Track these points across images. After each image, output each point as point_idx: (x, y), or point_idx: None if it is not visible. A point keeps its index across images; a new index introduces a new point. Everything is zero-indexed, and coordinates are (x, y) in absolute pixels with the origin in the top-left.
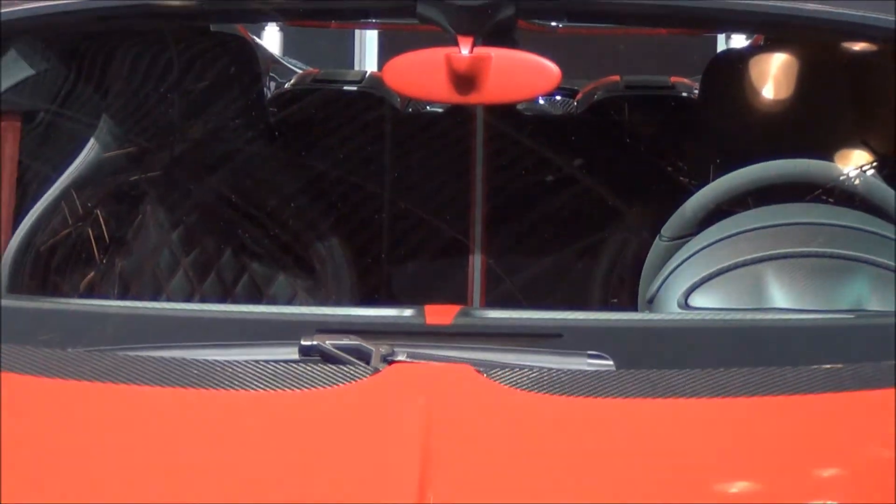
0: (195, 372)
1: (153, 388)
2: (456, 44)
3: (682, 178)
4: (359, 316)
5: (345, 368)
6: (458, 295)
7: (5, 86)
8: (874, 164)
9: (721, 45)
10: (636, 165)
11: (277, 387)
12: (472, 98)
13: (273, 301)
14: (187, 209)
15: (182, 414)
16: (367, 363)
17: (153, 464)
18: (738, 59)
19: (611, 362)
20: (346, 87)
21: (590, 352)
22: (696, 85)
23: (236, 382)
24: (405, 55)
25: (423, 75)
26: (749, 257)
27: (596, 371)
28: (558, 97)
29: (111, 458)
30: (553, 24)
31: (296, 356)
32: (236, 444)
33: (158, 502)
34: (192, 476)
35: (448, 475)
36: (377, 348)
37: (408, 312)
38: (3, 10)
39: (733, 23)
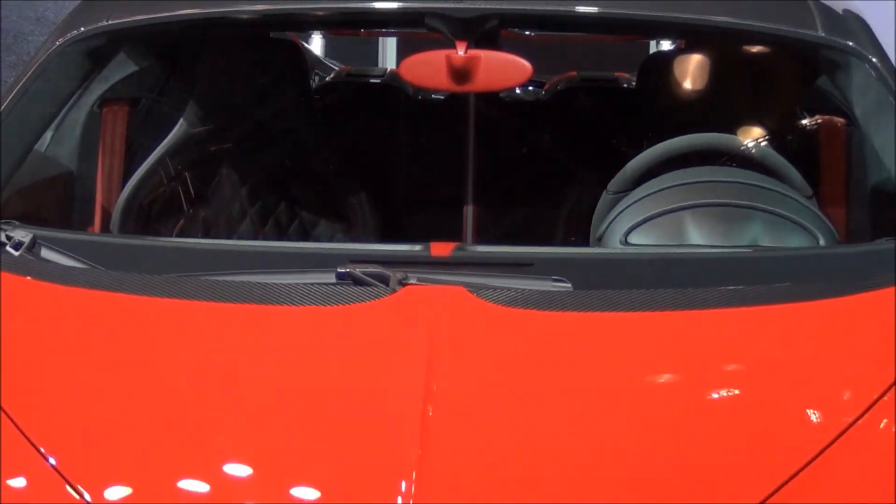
0: (258, 292)
1: (227, 304)
2: (454, 46)
3: (622, 148)
4: (381, 250)
5: (370, 289)
6: (455, 234)
7: (116, 78)
8: (766, 136)
9: (653, 48)
10: (589, 138)
11: (320, 303)
12: (466, 87)
13: (317, 240)
14: (253, 172)
15: (249, 323)
16: (387, 285)
17: (228, 356)
18: (666, 59)
19: (569, 285)
20: (371, 80)
21: (553, 277)
22: (634, 78)
23: (289, 299)
24: (416, 55)
25: (430, 70)
26: (673, 206)
27: (558, 291)
28: (530, 87)
29: (198, 353)
30: (527, 32)
31: (333, 280)
32: (289, 345)
33: (235, 376)
34: (257, 365)
35: (446, 367)
36: (394, 274)
37: (417, 247)
38: (114, 21)
39: (662, 31)
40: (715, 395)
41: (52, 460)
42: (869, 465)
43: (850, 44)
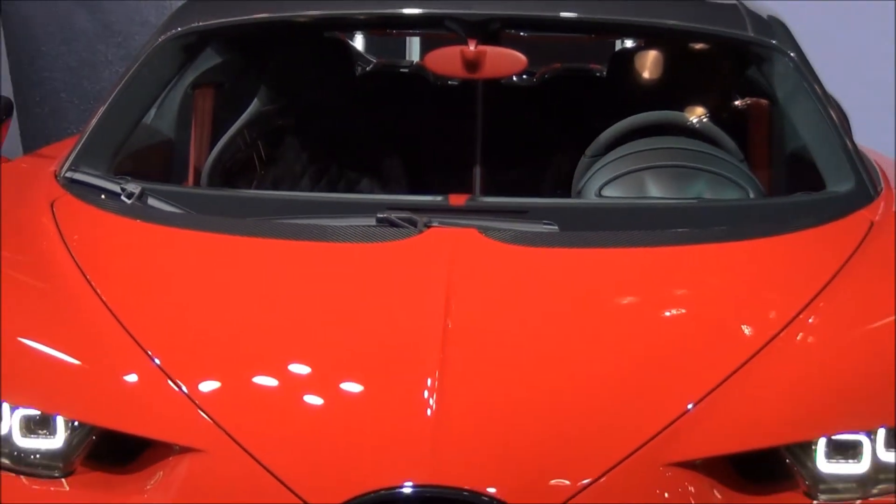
0: (316, 232)
1: (292, 241)
2: (466, 43)
3: (596, 123)
4: (410, 200)
5: (402, 230)
6: (467, 189)
7: (205, 67)
8: (708, 113)
9: (618, 45)
10: (570, 115)
11: (363, 240)
12: (475, 75)
13: (360, 192)
14: (310, 141)
15: (309, 255)
16: (415, 227)
17: (293, 280)
18: (629, 54)
19: (556, 227)
20: (401, 70)
21: (544, 221)
22: (605, 69)
23: (339, 237)
24: (437, 50)
25: (447, 61)
26: (636, 167)
27: (547, 232)
28: (524, 76)
29: (269, 278)
30: (523, 33)
31: (373, 223)
32: (339, 272)
33: (298, 296)
34: (315, 287)
35: (462, 290)
36: (421, 219)
37: (439, 198)
38: (203, 23)
39: (626, 32)
40: (668, 314)
41: (157, 360)
42: (790, 366)
43: (774, 42)
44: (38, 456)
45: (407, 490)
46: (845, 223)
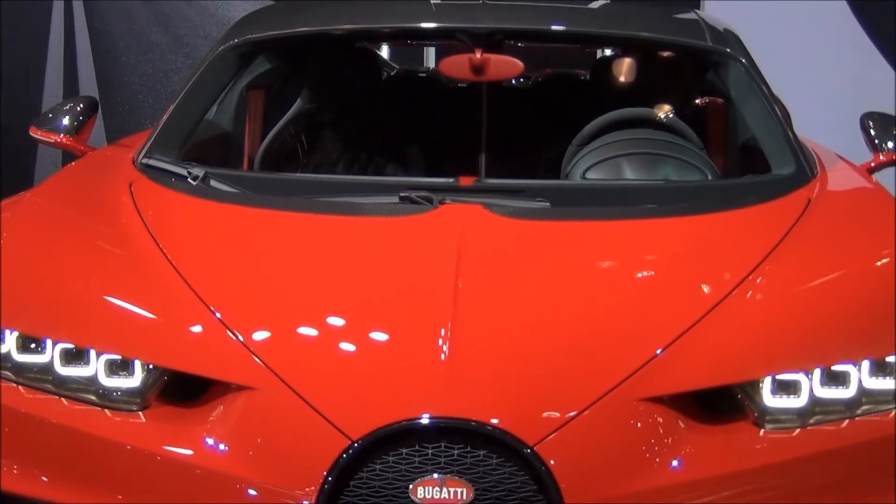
0: (349, 207)
1: (330, 215)
2: (474, 52)
3: (581, 118)
4: (428, 181)
5: (420, 206)
6: (474, 172)
7: (257, 72)
8: (673, 110)
9: (599, 53)
10: (559, 111)
11: (388, 215)
12: (481, 78)
13: (385, 175)
14: (344, 134)
15: (343, 227)
16: (431, 204)
17: (330, 248)
18: (609, 60)
19: (548, 204)
20: (420, 74)
21: (538, 199)
22: (588, 73)
23: (368, 212)
24: (450, 58)
25: (458, 67)
26: (614, 154)
27: (541, 208)
28: (522, 79)
29: (310, 246)
30: (520, 44)
31: (397, 200)
32: (368, 240)
33: (333, 260)
34: (347, 253)
35: (470, 255)
36: (436, 197)
37: (451, 180)
38: (255, 35)
39: (606, 42)
40: (639, 275)
41: (217, 314)
42: (741, 318)
43: (728, 50)
44: (119, 393)
45: (425, 421)
46: (787, 200)
